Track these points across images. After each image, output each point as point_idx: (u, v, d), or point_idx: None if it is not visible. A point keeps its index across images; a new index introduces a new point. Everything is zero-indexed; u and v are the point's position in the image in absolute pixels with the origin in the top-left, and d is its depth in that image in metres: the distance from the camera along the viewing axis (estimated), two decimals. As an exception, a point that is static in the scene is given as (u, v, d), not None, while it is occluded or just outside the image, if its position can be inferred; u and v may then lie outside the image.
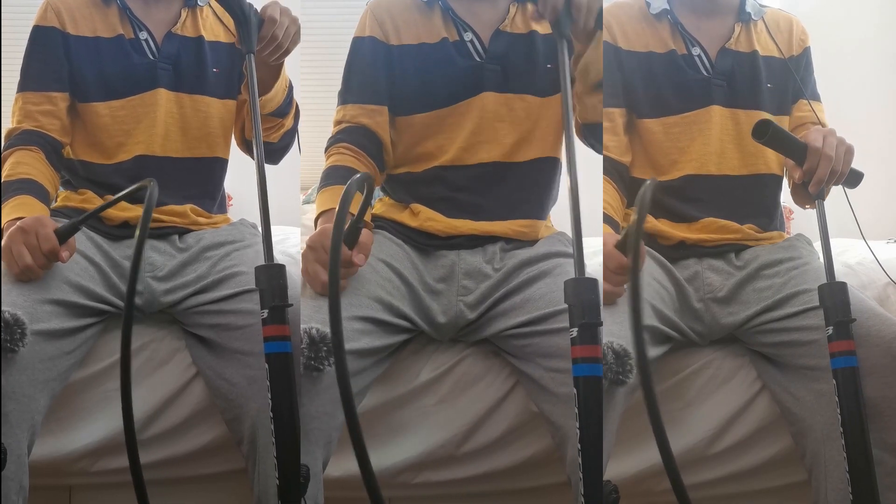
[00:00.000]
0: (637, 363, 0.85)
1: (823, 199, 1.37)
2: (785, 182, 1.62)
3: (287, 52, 1.48)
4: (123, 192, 1.22)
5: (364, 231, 1.32)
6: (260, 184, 1.27)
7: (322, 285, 1.30)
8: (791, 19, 1.64)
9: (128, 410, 0.99)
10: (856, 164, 1.41)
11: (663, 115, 1.55)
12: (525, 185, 1.54)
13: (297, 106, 1.65)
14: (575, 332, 1.11)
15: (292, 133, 1.66)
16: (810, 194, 1.39)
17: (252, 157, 1.63)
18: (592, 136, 1.52)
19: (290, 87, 1.62)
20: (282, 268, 1.23)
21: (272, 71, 1.53)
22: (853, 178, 1.43)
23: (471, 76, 1.52)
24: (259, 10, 1.43)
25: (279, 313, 1.21)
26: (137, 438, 1.19)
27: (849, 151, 1.37)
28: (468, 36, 1.54)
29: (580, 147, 1.56)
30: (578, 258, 1.13)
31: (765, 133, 1.32)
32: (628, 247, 1.28)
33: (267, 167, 1.31)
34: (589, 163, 1.55)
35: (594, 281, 1.13)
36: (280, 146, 1.66)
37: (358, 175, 0.89)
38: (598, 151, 1.52)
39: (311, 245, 1.31)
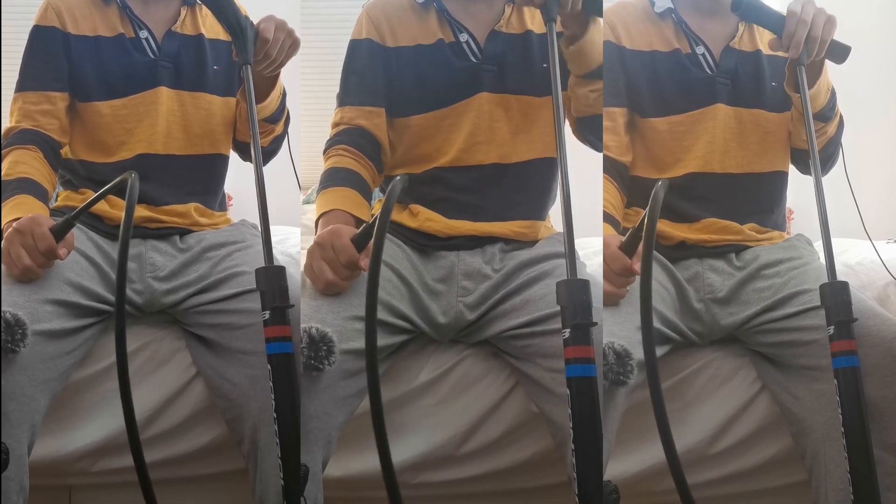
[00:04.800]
0: (646, 366, 0.85)
1: (803, 65, 1.39)
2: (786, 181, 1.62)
3: (281, 66, 1.48)
4: (108, 186, 1.25)
5: None
6: (258, 186, 1.27)
7: (325, 284, 1.30)
8: None
9: (129, 409, 0.99)
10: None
11: (668, 114, 1.55)
12: (524, 185, 1.54)
13: (288, 112, 1.66)
14: (567, 332, 1.12)
15: (281, 138, 1.66)
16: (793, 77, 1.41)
17: (241, 158, 1.68)
18: (589, 131, 1.51)
19: (284, 94, 1.63)
20: (282, 269, 1.23)
21: (268, 81, 1.53)
22: (838, 52, 1.44)
23: (467, 77, 1.52)
24: (255, 24, 1.42)
25: (280, 314, 1.21)
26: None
27: (829, 21, 1.39)
28: (464, 37, 1.53)
29: (581, 145, 1.56)
30: (571, 259, 1.14)
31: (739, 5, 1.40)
32: (636, 248, 1.29)
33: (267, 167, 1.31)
34: (589, 161, 1.55)
35: (586, 282, 1.14)
36: (268, 150, 1.66)
37: (398, 177, 0.90)
38: (597, 149, 1.51)
39: (321, 242, 1.31)
